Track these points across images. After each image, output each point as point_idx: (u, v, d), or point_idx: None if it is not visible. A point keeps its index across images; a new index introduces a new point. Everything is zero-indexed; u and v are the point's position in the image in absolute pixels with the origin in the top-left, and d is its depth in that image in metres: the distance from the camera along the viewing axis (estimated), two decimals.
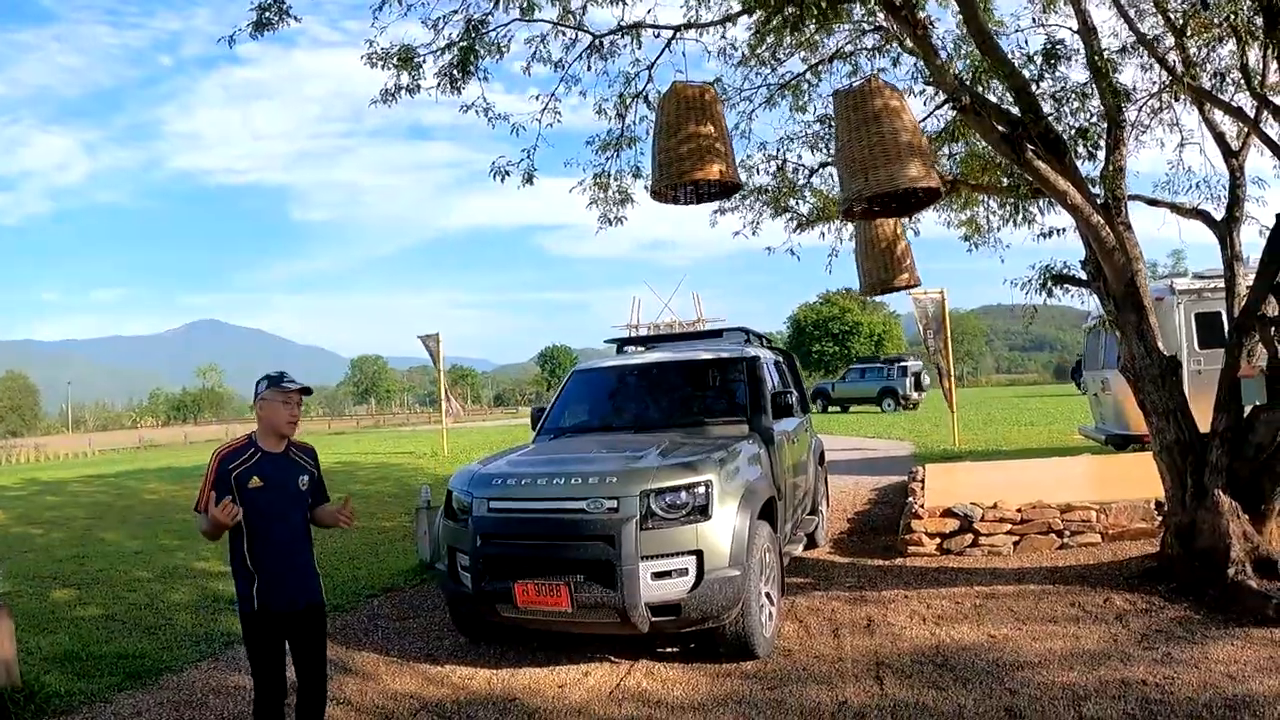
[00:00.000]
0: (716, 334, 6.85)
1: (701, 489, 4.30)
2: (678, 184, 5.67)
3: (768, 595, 4.61)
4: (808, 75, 8.07)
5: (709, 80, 6.70)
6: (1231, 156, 5.86)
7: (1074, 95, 5.51)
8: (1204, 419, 9.98)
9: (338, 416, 71.92)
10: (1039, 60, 5.48)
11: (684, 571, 4.19)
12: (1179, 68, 5.82)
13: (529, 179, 6.95)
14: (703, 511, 4.28)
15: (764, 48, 7.65)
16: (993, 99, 5.87)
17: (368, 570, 7.43)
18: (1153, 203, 6.60)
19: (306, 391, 3.42)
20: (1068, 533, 6.36)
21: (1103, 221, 5.34)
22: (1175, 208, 6.39)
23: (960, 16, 5.68)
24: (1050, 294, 5.76)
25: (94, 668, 5.00)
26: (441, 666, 4.75)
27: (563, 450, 5.22)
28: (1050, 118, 5.56)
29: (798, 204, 8.88)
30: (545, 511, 4.39)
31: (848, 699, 3.97)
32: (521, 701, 4.17)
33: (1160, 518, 6.33)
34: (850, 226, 8.43)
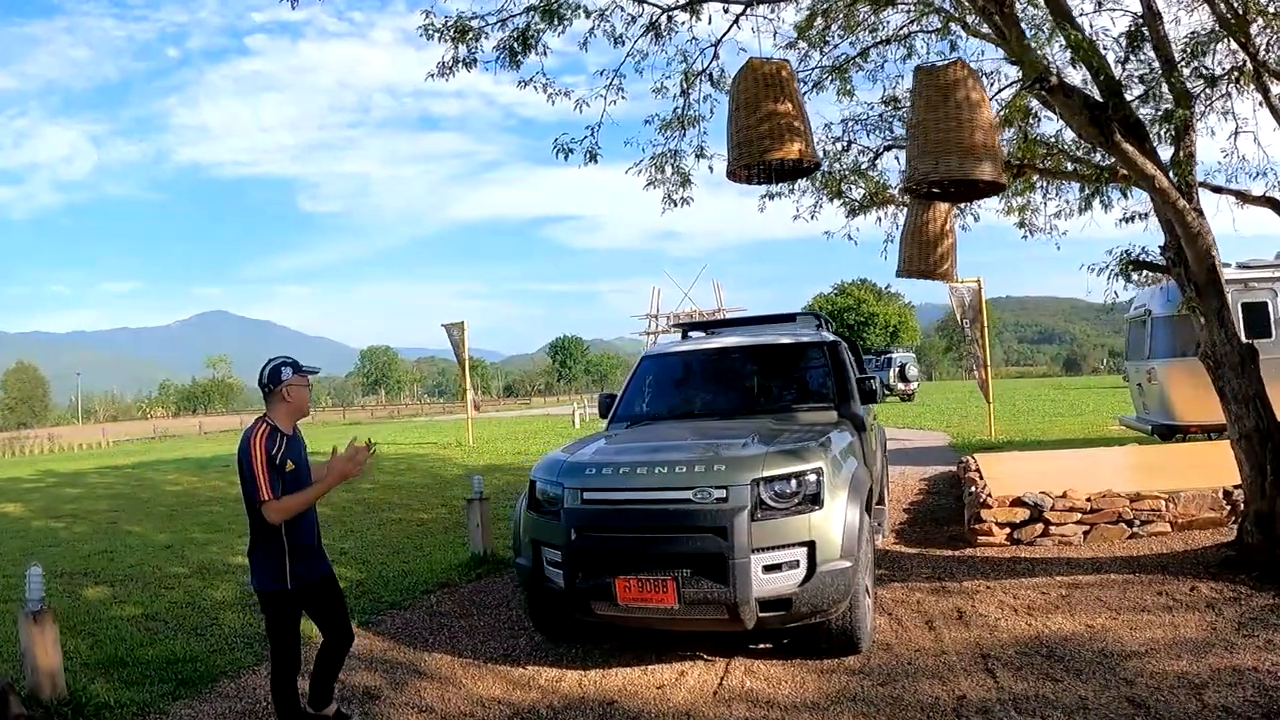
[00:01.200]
0: (790, 318, 6.59)
1: (813, 477, 4.18)
2: (755, 163, 5.42)
3: (866, 588, 4.58)
4: (858, 59, 7.81)
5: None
6: None
7: (1157, 79, 5.22)
8: None
9: (348, 407, 71.81)
10: (1122, 42, 5.22)
11: (795, 564, 4.07)
12: (1261, 54, 5.57)
13: (593, 157, 6.70)
14: (814, 500, 4.16)
15: (813, 30, 7.36)
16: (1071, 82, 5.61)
17: (416, 565, 7.31)
18: (1217, 190, 6.52)
19: (316, 373, 3.74)
20: (1137, 522, 6.30)
21: (1188, 206, 5.15)
22: (1241, 195, 6.25)
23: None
24: (1129, 279, 5.57)
25: (142, 674, 4.79)
26: (524, 668, 4.63)
27: (653, 437, 5.05)
28: (1131, 102, 5.30)
29: (850, 189, 8.64)
30: (646, 502, 4.23)
31: (965, 693, 3.94)
32: (621, 705, 4.06)
33: (1229, 507, 6.19)
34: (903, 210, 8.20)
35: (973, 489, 7.13)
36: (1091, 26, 5.57)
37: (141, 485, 15.59)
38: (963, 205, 7.30)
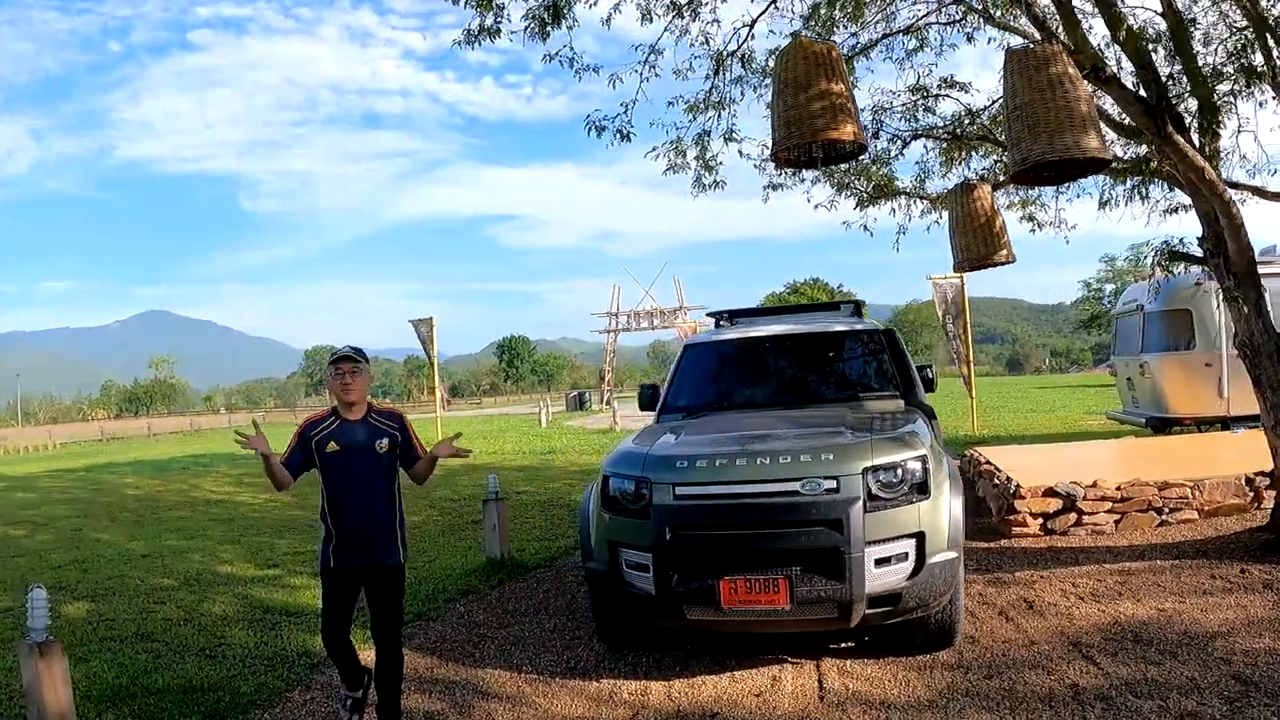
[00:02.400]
0: (832, 306, 6.37)
1: (918, 465, 4.06)
2: (803, 145, 5.19)
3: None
4: (867, 49, 7.70)
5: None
6: None
7: (1208, 74, 5.17)
8: (1244, 401, 10.02)
9: (292, 408, 69.75)
10: (1165, 36, 5.16)
11: (904, 556, 3.93)
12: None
13: (625, 136, 6.43)
14: (922, 489, 4.03)
15: (816, 21, 7.20)
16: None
17: (428, 571, 6.92)
18: (1235, 185, 6.51)
19: (350, 358, 3.65)
20: (1167, 509, 6.39)
21: (1234, 198, 5.12)
22: (1259, 191, 6.26)
23: None
24: (1168, 270, 5.53)
25: (156, 707, 4.30)
26: (598, 681, 4.37)
27: (732, 428, 4.82)
28: (1175, 95, 5.25)
29: (855, 180, 8.51)
30: (750, 496, 4.00)
31: (1076, 682, 3.93)
32: (725, 717, 3.87)
33: (1252, 493, 6.26)
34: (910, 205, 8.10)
35: (996, 481, 7.05)
36: (1136, 20, 5.43)
37: (100, 489, 14.83)
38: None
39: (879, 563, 3.88)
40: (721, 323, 6.84)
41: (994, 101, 7.58)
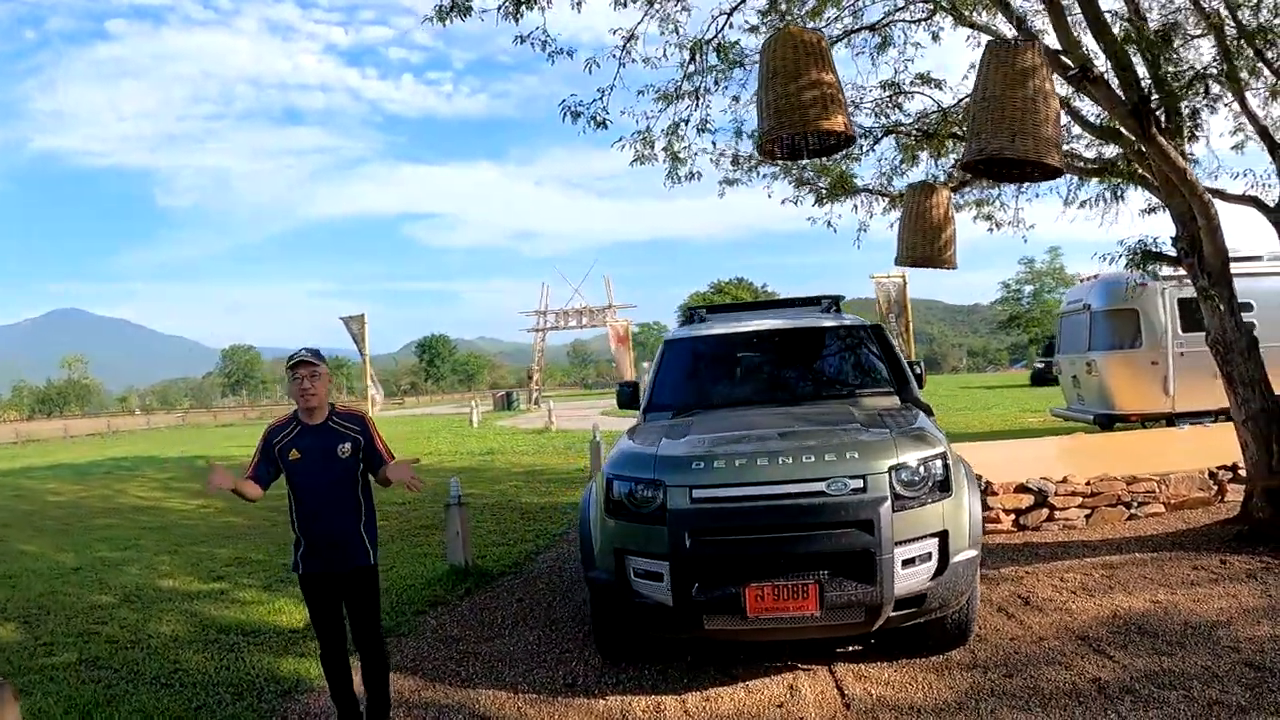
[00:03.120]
0: (814, 301, 6.37)
1: (940, 462, 3.99)
2: (791, 135, 5.04)
3: None
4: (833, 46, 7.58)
5: None
6: (1278, 149, 5.84)
7: (1193, 77, 5.22)
8: (1188, 398, 10.38)
9: (208, 408, 66.97)
10: (1153, 39, 5.20)
11: (928, 556, 3.85)
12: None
13: (602, 123, 6.18)
14: (944, 487, 3.96)
15: (774, 14, 7.09)
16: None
17: (389, 581, 6.42)
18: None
19: (306, 363, 3.57)
20: (1135, 503, 6.51)
21: (1212, 200, 5.19)
22: (1220, 194, 6.40)
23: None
24: (1144, 270, 5.60)
25: None
26: (605, 699, 4.11)
27: (736, 426, 4.62)
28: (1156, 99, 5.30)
29: (816, 177, 8.43)
30: (773, 497, 3.83)
31: (1098, 676, 3.93)
32: None
33: (1216, 487, 6.40)
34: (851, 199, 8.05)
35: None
36: (1119, 23, 5.45)
37: (20, 495, 13.77)
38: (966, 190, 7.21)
39: (905, 563, 3.78)
40: (695, 318, 6.61)
41: (961, 100, 7.59)
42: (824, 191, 8.65)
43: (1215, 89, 5.75)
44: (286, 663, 4.78)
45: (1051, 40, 6.15)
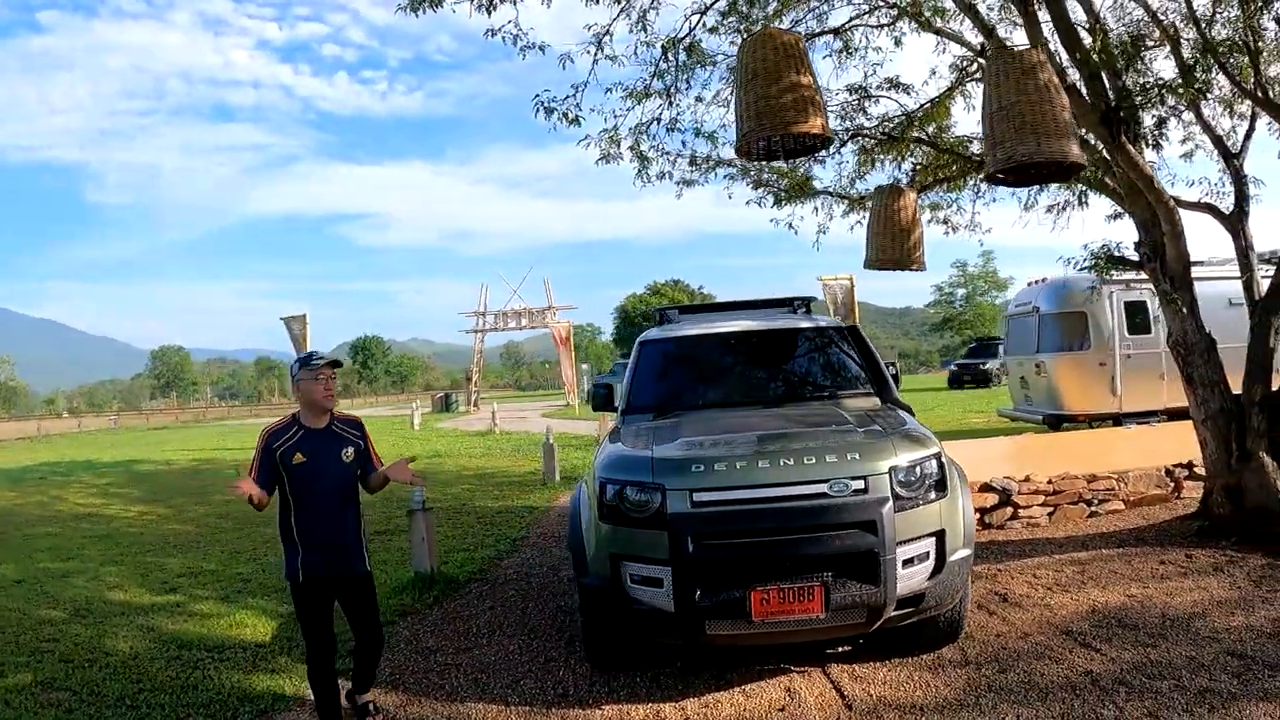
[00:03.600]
0: (784, 302, 6.46)
1: (935, 462, 4.02)
2: (769, 136, 5.03)
3: None
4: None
5: None
6: (1232, 159, 6.09)
7: (1160, 87, 5.36)
8: (1134, 398, 10.71)
9: (139, 410, 64.46)
10: (1122, 48, 5.34)
11: (925, 556, 3.88)
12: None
13: (575, 120, 6.08)
14: (940, 487, 3.99)
15: (734, 15, 7.09)
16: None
17: None
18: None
19: (336, 364, 3.69)
20: (1095, 501, 6.66)
21: (1177, 207, 5.35)
22: (1178, 201, 6.61)
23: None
24: (1106, 273, 5.73)
25: None
26: (600, 709, 4.00)
27: (733, 427, 4.57)
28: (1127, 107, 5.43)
29: (774, 179, 8.47)
30: (776, 499, 3.79)
31: (1091, 669, 4.02)
32: None
33: (1172, 484, 6.61)
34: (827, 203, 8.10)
35: None
36: (1097, 30, 5.58)
37: None
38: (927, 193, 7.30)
39: (905, 563, 3.81)
40: (665, 319, 6.54)
41: (924, 105, 7.69)
42: (783, 194, 8.69)
43: (1173, 100, 5.92)
44: (258, 680, 4.54)
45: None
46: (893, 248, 6.72)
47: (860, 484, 3.78)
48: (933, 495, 3.93)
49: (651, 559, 3.81)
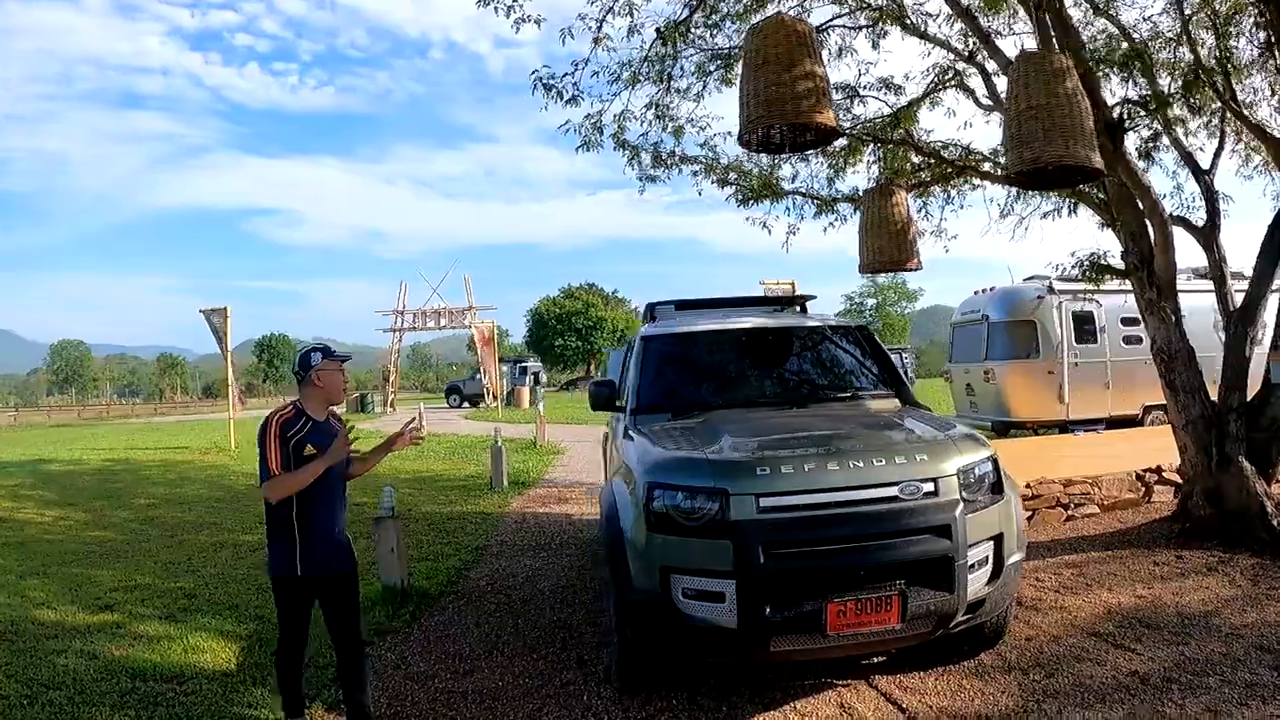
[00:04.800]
0: (780, 301, 6.02)
1: (992, 464, 3.93)
2: (771, 126, 4.82)
3: None
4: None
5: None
6: (1202, 175, 6.24)
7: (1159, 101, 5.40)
8: (1081, 406, 10.97)
9: (36, 406, 60.07)
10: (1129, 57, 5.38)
11: (985, 561, 3.76)
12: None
13: (572, 99, 5.72)
14: (997, 489, 3.91)
15: (704, 10, 6.91)
16: None
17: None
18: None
19: (348, 359, 3.75)
20: (1072, 505, 6.66)
21: (1170, 219, 5.43)
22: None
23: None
24: (1095, 281, 5.78)
25: None
26: None
27: (779, 427, 4.34)
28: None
29: (740, 179, 8.30)
30: (849, 504, 3.59)
31: (1135, 669, 4.06)
32: None
33: (1144, 488, 6.76)
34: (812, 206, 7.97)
35: None
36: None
37: None
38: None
39: (969, 569, 3.67)
40: (657, 314, 6.22)
41: (898, 109, 7.62)
42: (750, 193, 8.51)
43: (1179, 110, 6.02)
44: (235, 715, 3.95)
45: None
46: (890, 248, 6.63)
47: (930, 486, 3.64)
48: (992, 498, 3.85)
49: (711, 571, 3.52)
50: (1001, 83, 7.09)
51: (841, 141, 7.48)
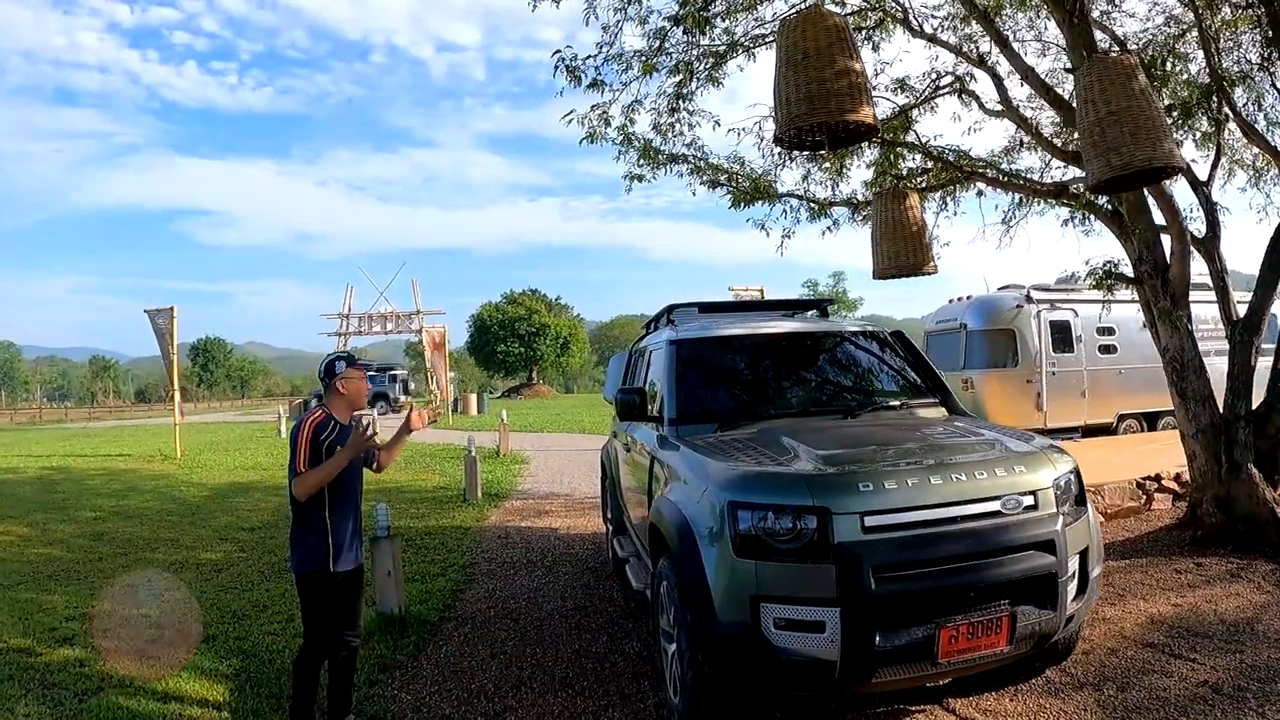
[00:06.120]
0: (808, 305, 6.13)
1: (1076, 475, 3.79)
2: (816, 124, 4.58)
3: None
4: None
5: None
6: (1200, 186, 6.19)
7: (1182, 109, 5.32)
8: (1058, 415, 10.96)
9: None
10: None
11: (1072, 576, 3.59)
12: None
13: (595, 84, 5.40)
14: (1081, 500, 3.77)
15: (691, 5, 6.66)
16: None
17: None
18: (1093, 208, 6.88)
19: (370, 367, 4.20)
20: None
21: (1188, 230, 5.37)
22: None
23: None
24: (1110, 290, 5.68)
25: None
26: None
27: (851, 439, 4.06)
28: None
29: (733, 181, 8.05)
30: (955, 520, 3.33)
31: (1204, 679, 4.01)
32: None
33: (1145, 496, 6.69)
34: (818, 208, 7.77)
35: None
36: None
37: None
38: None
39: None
40: (672, 319, 5.84)
41: (900, 111, 7.44)
42: (743, 195, 8.24)
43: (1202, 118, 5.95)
44: None
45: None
46: (905, 252, 6.45)
47: (1030, 499, 3.48)
48: (1079, 511, 3.72)
49: (810, 599, 3.23)
50: (1013, 88, 7.01)
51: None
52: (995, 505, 3.36)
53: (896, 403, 4.88)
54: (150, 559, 7.55)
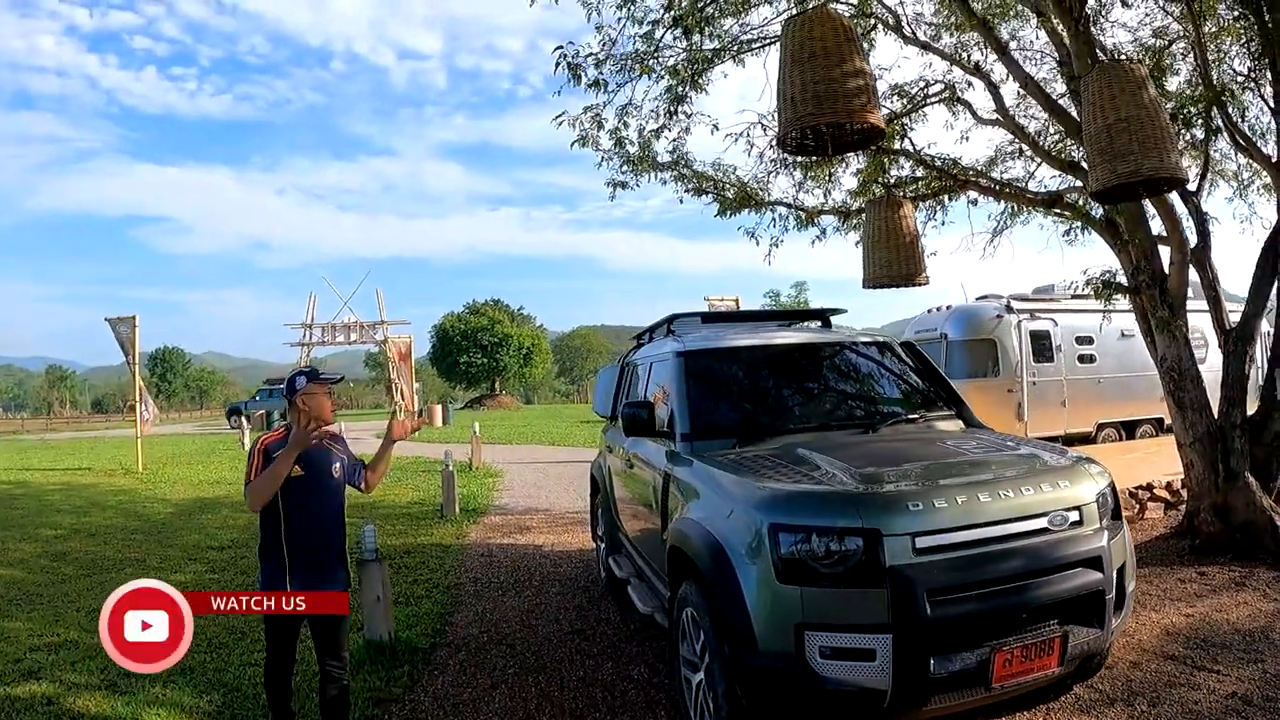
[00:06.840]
0: (813, 314, 5.95)
1: (1113, 489, 3.74)
2: (822, 126, 4.47)
3: None
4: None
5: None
6: (1190, 196, 6.21)
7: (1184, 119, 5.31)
8: (1038, 424, 10.96)
9: None
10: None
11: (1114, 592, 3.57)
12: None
13: (596, 83, 5.21)
14: (1117, 515, 3.73)
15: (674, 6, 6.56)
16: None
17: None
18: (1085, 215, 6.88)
19: (339, 381, 3.78)
20: None
21: (1187, 240, 5.35)
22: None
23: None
24: (1108, 299, 5.64)
25: None
26: None
27: (883, 455, 3.88)
28: None
29: (719, 189, 7.93)
30: (1004, 538, 3.22)
31: (1231, 690, 3.99)
32: None
33: (1138, 505, 6.62)
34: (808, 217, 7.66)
35: None
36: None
37: None
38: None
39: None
40: (674, 329, 5.62)
41: (890, 119, 7.36)
42: (730, 203, 8.11)
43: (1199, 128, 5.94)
44: None
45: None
46: (898, 261, 6.35)
47: (1075, 515, 3.41)
48: (1117, 526, 3.65)
49: (860, 625, 3.07)
50: (1009, 96, 6.99)
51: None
52: (1043, 522, 3.28)
53: (914, 415, 4.76)
54: (117, 580, 7.05)
